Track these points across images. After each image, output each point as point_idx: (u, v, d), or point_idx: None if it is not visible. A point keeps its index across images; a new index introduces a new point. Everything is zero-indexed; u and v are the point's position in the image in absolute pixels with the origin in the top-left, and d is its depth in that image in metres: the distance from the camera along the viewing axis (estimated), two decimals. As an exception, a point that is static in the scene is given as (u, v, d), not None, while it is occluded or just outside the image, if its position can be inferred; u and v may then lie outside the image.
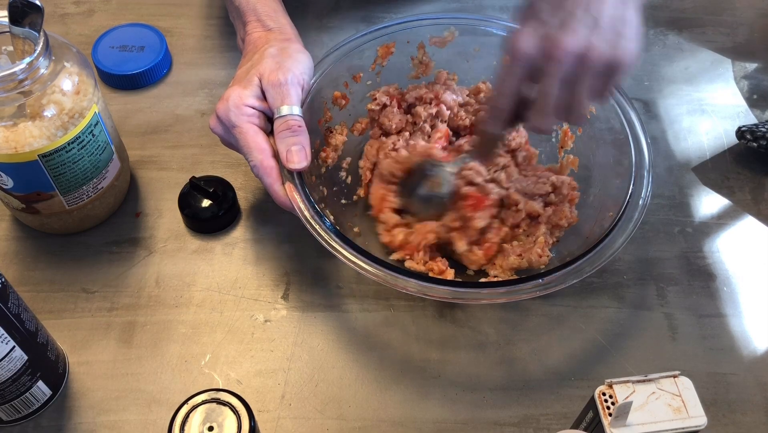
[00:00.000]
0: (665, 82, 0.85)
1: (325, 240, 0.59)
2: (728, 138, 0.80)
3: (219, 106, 0.64)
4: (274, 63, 0.65)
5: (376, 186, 0.71)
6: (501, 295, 0.58)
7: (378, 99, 0.73)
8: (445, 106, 0.73)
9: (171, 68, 0.85)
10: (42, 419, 0.61)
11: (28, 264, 0.69)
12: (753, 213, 0.75)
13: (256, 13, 0.70)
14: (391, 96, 0.73)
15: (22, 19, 0.59)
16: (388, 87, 0.74)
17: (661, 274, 0.70)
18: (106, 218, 0.72)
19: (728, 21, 0.92)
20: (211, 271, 0.69)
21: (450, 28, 0.73)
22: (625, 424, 0.50)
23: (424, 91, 0.73)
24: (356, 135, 0.74)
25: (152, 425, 0.61)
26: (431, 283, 0.58)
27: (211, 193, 0.71)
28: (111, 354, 0.64)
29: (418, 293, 0.57)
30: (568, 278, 0.58)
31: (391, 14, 0.91)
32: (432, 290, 0.57)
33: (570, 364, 0.65)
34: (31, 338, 0.56)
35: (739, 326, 0.67)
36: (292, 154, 0.62)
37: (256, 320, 0.66)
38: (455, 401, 0.63)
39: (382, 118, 0.73)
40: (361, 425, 0.61)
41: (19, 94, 0.59)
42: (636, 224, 0.61)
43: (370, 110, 0.73)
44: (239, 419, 0.52)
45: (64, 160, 0.63)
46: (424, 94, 0.73)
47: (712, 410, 0.62)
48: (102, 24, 0.87)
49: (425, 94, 0.73)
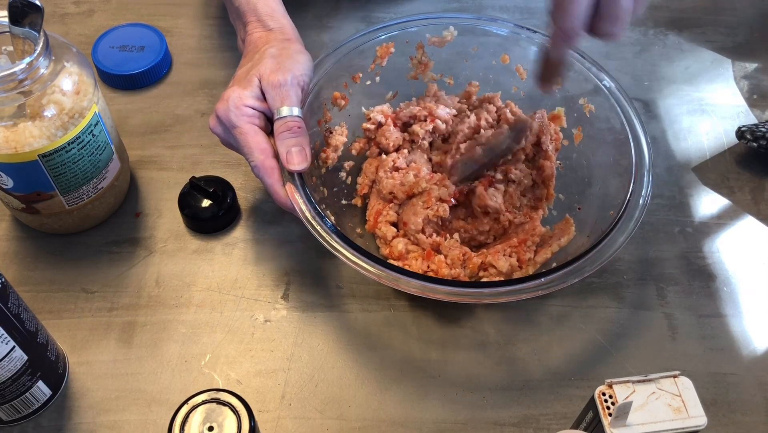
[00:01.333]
0: (665, 82, 0.85)
1: (326, 241, 0.59)
2: (728, 138, 0.80)
3: (219, 106, 0.64)
4: (274, 63, 0.65)
5: (373, 202, 0.71)
6: (502, 295, 0.58)
7: (372, 118, 0.73)
8: (440, 120, 0.72)
9: (171, 68, 0.85)
10: (42, 419, 0.61)
11: (28, 264, 0.69)
12: (753, 213, 0.75)
13: (256, 13, 0.70)
14: (385, 115, 0.73)
15: (22, 19, 0.59)
16: (381, 107, 0.74)
17: (661, 274, 0.70)
18: (106, 218, 0.72)
19: (728, 21, 0.92)
20: (211, 271, 0.69)
21: (449, 28, 0.73)
22: (625, 424, 0.50)
23: (417, 109, 0.73)
24: (355, 154, 0.74)
25: (152, 425, 0.61)
26: (432, 283, 0.58)
27: (211, 193, 0.71)
28: (111, 354, 0.64)
29: (420, 293, 0.57)
30: (569, 277, 0.58)
31: (390, 14, 0.91)
32: (433, 290, 0.57)
33: (570, 364, 0.65)
34: (31, 338, 0.56)
35: (738, 326, 0.67)
36: (292, 156, 0.62)
37: (256, 320, 0.66)
38: (455, 401, 0.63)
39: (379, 137, 0.72)
40: (361, 425, 0.61)
41: (19, 94, 0.59)
42: (636, 223, 0.61)
43: (366, 129, 0.73)
44: (239, 419, 0.52)
45: (64, 160, 0.63)
46: (417, 112, 0.73)
47: (712, 410, 0.62)
48: (102, 24, 0.87)
49: (419, 112, 0.72)
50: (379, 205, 0.70)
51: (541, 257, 0.66)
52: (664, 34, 0.90)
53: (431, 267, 0.66)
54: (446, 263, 0.66)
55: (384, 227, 0.68)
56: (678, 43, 0.89)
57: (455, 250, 0.66)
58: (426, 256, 0.66)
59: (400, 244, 0.67)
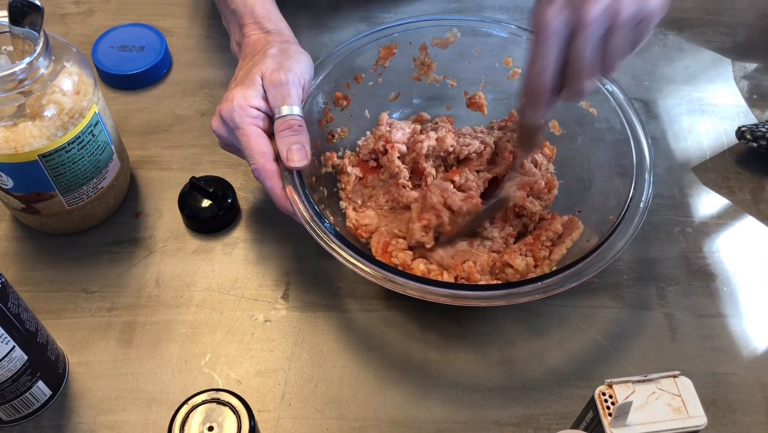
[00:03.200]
0: (665, 82, 0.85)
1: (325, 242, 0.59)
2: (728, 138, 0.80)
3: (222, 107, 0.64)
4: (276, 63, 0.65)
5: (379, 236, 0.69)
6: (500, 298, 0.58)
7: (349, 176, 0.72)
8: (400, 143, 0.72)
9: (171, 68, 0.85)
10: (42, 419, 0.61)
11: (28, 264, 0.69)
12: (753, 213, 0.75)
13: (254, 15, 0.70)
14: (356, 165, 0.72)
15: (22, 19, 0.59)
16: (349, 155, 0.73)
17: (661, 274, 0.70)
18: (106, 218, 0.72)
19: (728, 21, 0.92)
20: (211, 271, 0.69)
21: (453, 29, 0.73)
22: (625, 424, 0.50)
23: (373, 144, 0.72)
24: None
25: (152, 425, 0.61)
26: (431, 285, 0.58)
27: (211, 193, 0.71)
28: (111, 354, 0.64)
29: (419, 295, 0.57)
30: (568, 281, 0.58)
31: (390, 14, 0.91)
32: (432, 292, 0.57)
33: (570, 364, 0.65)
34: (31, 338, 0.56)
35: (738, 326, 0.67)
36: (292, 153, 0.62)
37: (256, 320, 0.66)
38: (455, 401, 0.63)
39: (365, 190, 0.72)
40: (361, 425, 0.61)
41: (19, 94, 0.59)
42: (636, 227, 0.61)
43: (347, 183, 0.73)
44: (239, 419, 0.52)
45: (64, 160, 0.63)
46: (374, 146, 0.72)
47: (712, 410, 0.62)
48: (102, 24, 0.87)
49: (376, 145, 0.72)
50: (385, 237, 0.68)
51: (557, 255, 0.66)
52: (664, 34, 0.90)
53: (461, 276, 0.65)
54: (477, 270, 0.65)
55: (401, 254, 0.67)
56: (678, 43, 0.89)
57: (483, 256, 0.66)
58: (454, 266, 0.66)
59: (421, 265, 0.66)
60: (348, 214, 0.70)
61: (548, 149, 0.74)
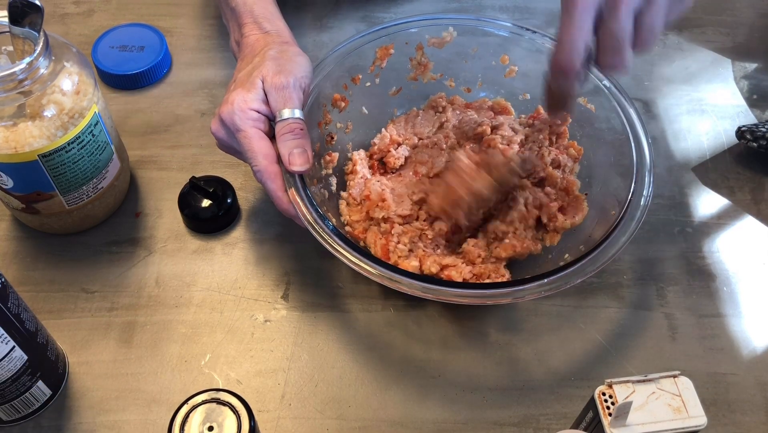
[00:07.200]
0: (665, 81, 0.85)
1: (328, 243, 0.59)
2: (728, 138, 0.80)
3: (223, 109, 0.64)
4: (276, 65, 0.64)
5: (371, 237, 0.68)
6: (505, 296, 0.58)
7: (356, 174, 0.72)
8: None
9: (171, 68, 0.85)
10: (42, 419, 0.61)
11: (28, 264, 0.69)
12: (753, 213, 0.75)
13: (253, 15, 0.70)
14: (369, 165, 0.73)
15: (22, 19, 0.59)
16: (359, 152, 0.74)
17: (661, 274, 0.70)
18: (106, 218, 0.72)
19: (728, 21, 0.92)
20: (211, 271, 0.69)
21: (449, 28, 0.73)
22: (625, 424, 0.50)
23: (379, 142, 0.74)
24: None
25: (152, 425, 0.61)
26: (434, 284, 0.58)
27: (211, 193, 0.71)
28: (111, 354, 0.64)
29: (422, 294, 0.57)
30: (572, 277, 0.58)
31: (390, 14, 0.91)
32: (435, 291, 0.57)
33: (570, 364, 0.65)
34: (31, 338, 0.56)
35: (738, 326, 0.67)
36: (294, 157, 0.62)
37: (256, 320, 0.66)
38: (455, 401, 0.63)
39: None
40: (361, 425, 0.61)
41: (19, 94, 0.59)
42: (638, 223, 0.61)
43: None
44: (239, 419, 0.52)
45: (64, 160, 0.63)
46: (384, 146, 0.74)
47: (712, 410, 0.62)
48: (102, 24, 0.87)
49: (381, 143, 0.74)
50: (382, 240, 0.67)
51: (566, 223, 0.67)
52: (664, 34, 0.90)
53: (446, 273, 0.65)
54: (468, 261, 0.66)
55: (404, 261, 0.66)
56: (678, 43, 0.89)
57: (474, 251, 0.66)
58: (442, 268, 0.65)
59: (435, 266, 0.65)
60: (341, 209, 0.70)
61: (574, 149, 0.72)
